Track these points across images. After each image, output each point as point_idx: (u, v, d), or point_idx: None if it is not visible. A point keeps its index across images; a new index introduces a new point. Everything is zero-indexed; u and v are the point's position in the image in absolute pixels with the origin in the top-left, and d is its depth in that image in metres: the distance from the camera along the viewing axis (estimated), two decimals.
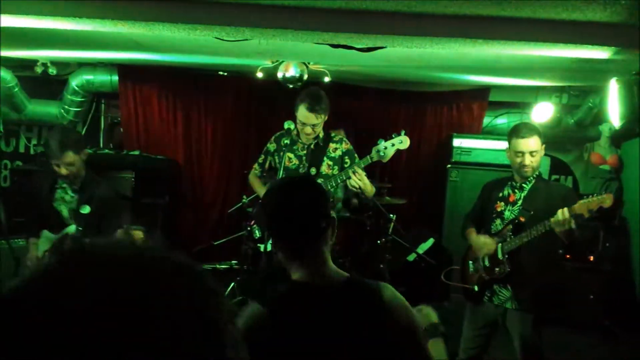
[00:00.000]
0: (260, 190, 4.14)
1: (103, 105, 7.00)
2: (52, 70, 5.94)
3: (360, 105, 6.82)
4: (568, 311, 5.43)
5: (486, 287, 3.50)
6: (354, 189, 3.78)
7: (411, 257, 5.71)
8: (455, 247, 5.67)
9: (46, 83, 6.44)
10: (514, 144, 3.40)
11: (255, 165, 4.22)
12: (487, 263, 3.47)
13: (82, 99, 6.54)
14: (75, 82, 6.37)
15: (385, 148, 3.75)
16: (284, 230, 1.78)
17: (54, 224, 3.49)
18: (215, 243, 5.86)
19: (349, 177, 3.71)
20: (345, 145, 4.07)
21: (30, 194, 3.79)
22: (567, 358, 4.94)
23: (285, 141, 4.02)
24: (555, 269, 3.54)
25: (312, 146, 3.96)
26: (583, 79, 5.24)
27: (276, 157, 4.08)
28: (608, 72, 4.04)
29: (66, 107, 6.53)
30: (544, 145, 3.39)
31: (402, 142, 3.78)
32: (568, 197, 3.28)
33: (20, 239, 5.15)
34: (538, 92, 6.31)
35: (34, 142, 6.97)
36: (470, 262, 3.63)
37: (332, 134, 4.11)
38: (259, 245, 4.10)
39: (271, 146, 4.11)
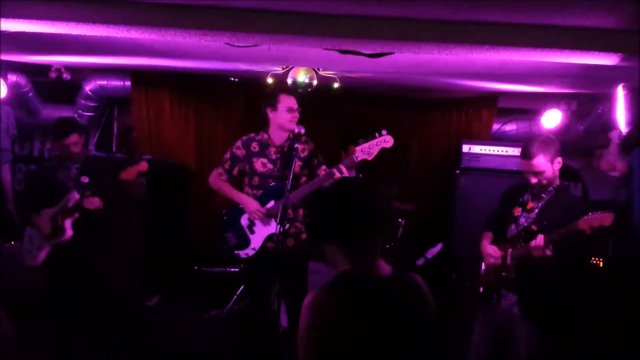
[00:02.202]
0: (234, 194, 4.09)
1: (116, 110, 7.09)
2: (66, 76, 6.04)
3: (369, 111, 6.87)
4: (576, 318, 5.41)
5: (494, 289, 3.50)
6: None
7: (419, 262, 5.73)
8: (464, 252, 5.69)
9: (60, 88, 6.53)
10: (520, 163, 3.39)
11: (222, 171, 4.14)
12: (496, 268, 3.48)
13: (96, 104, 6.62)
14: (88, 87, 6.45)
15: (370, 147, 3.76)
16: (346, 227, 1.93)
17: (59, 196, 4.01)
18: (226, 247, 5.89)
19: (334, 176, 3.72)
20: (311, 145, 4.11)
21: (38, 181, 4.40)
22: None
23: (255, 146, 4.05)
24: (566, 283, 3.47)
25: (285, 149, 3.98)
26: (591, 86, 5.25)
27: (247, 163, 4.07)
28: (616, 78, 4.05)
29: (80, 112, 6.61)
30: (558, 159, 3.30)
31: (386, 141, 3.77)
32: (584, 210, 3.16)
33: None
34: (547, 99, 6.32)
35: (47, 146, 7.06)
36: (484, 263, 3.63)
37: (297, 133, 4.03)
38: (236, 252, 4.09)
39: (239, 152, 4.07)
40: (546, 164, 3.26)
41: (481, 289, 3.56)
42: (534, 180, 3.32)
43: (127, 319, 5.05)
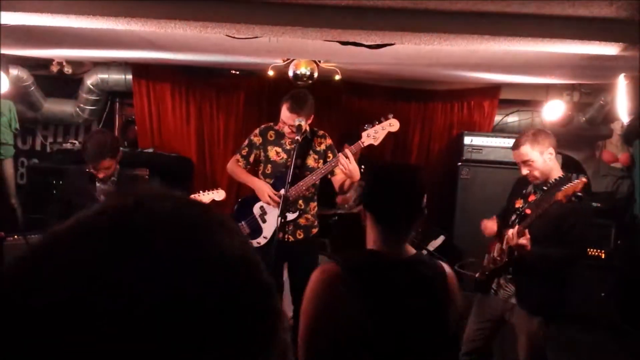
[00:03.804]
0: (248, 178, 4.17)
1: (117, 103, 7.11)
2: (68, 69, 6.05)
3: (370, 103, 6.87)
4: (579, 309, 5.42)
5: (493, 278, 3.52)
6: (342, 170, 3.81)
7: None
8: (466, 245, 5.70)
9: (62, 82, 6.54)
10: (513, 155, 3.49)
11: (239, 157, 4.24)
12: (495, 253, 3.49)
13: (97, 98, 6.64)
14: (90, 80, 6.46)
15: (376, 132, 3.81)
16: (389, 210, 1.98)
17: None
18: None
19: (340, 161, 3.80)
20: (328, 141, 4.16)
21: (63, 190, 3.84)
22: (578, 356, 4.94)
23: (271, 134, 4.11)
24: (558, 275, 3.45)
25: (299, 141, 4.02)
26: (593, 77, 5.24)
27: (262, 151, 4.14)
28: (617, 68, 4.04)
29: (81, 105, 6.64)
30: (550, 151, 3.33)
31: (391, 124, 3.83)
32: (577, 210, 3.21)
33: (36, 235, 5.27)
34: (549, 90, 6.31)
35: (50, 140, 7.08)
36: (487, 254, 3.65)
37: (315, 129, 4.19)
38: (249, 242, 4.15)
39: (256, 140, 4.17)
40: (533, 153, 3.32)
41: (479, 275, 3.60)
42: (524, 171, 3.38)
43: None
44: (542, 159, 3.32)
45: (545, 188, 3.37)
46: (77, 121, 6.80)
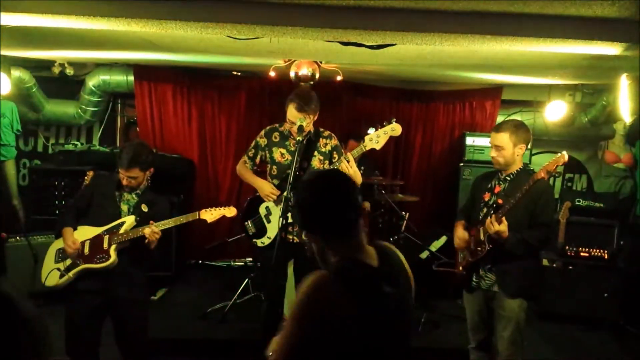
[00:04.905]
0: (252, 178, 4.20)
1: (119, 105, 7.11)
2: (69, 71, 6.05)
3: (372, 104, 6.86)
4: (581, 309, 5.42)
5: (473, 271, 3.63)
6: None
7: (424, 255, 5.72)
8: None
9: (64, 83, 6.54)
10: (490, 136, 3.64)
11: (246, 159, 4.27)
12: (472, 247, 3.61)
13: (99, 99, 6.64)
14: (92, 82, 6.47)
15: (378, 136, 3.83)
16: (322, 223, 1.88)
17: (109, 217, 3.62)
18: (229, 240, 5.92)
19: (340, 164, 3.84)
20: (334, 141, 4.17)
21: (87, 191, 3.83)
22: (580, 356, 4.94)
23: (276, 136, 4.12)
24: (534, 257, 3.65)
25: (304, 142, 4.01)
26: (596, 77, 5.22)
27: (267, 152, 4.14)
28: (620, 68, 4.02)
29: (83, 106, 6.64)
30: (521, 146, 3.48)
31: (393, 129, 3.85)
32: (545, 191, 3.43)
33: (38, 236, 5.27)
34: (551, 91, 6.30)
35: (52, 141, 7.08)
36: (459, 253, 3.79)
37: (321, 130, 4.19)
38: (254, 241, 4.17)
39: (262, 141, 4.18)
40: (508, 143, 3.48)
41: (461, 269, 3.72)
42: (493, 154, 3.54)
43: None
44: (513, 151, 3.48)
45: (509, 178, 3.53)
46: (79, 122, 6.80)
